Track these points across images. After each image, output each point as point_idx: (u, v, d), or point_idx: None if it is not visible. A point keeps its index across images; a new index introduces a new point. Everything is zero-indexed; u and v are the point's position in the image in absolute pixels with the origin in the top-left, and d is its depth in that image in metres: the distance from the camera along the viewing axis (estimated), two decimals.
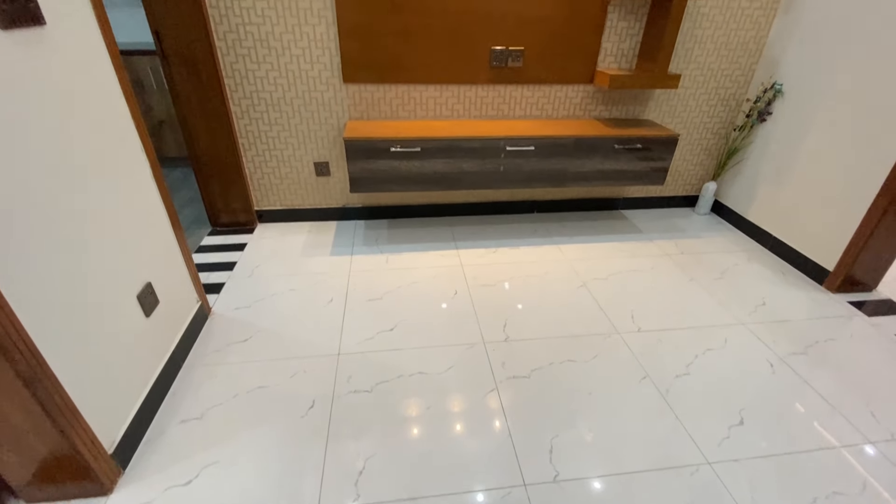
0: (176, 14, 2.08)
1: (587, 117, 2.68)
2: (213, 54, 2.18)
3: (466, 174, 2.39)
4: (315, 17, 2.20)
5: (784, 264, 2.49)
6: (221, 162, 2.47)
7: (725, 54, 2.57)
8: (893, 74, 1.93)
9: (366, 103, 2.46)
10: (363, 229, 2.72)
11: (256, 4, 2.14)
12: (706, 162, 2.95)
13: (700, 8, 2.42)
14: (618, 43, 2.46)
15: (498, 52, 2.38)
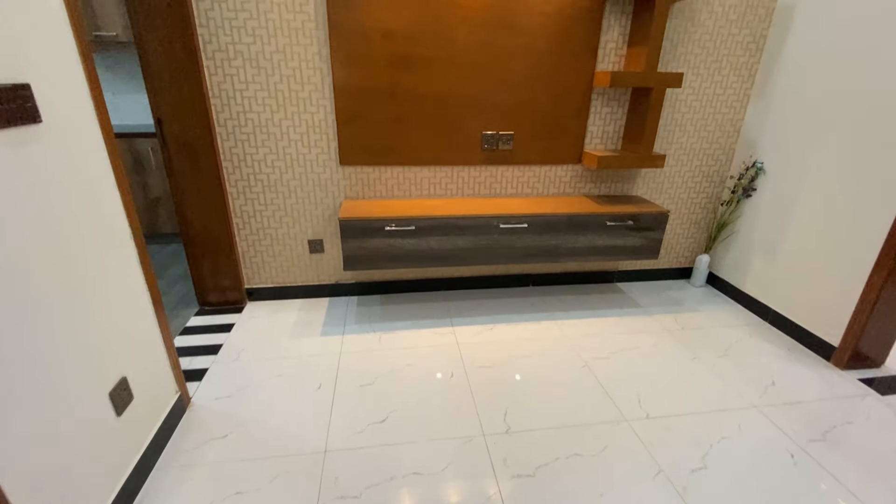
0: (178, 103, 2.16)
1: (577, 194, 2.74)
2: (212, 140, 2.24)
3: (461, 251, 2.38)
4: (314, 106, 2.30)
5: (787, 339, 2.43)
6: (214, 241, 2.45)
7: (705, 135, 2.70)
8: (869, 152, 2.01)
9: (361, 184, 2.50)
10: (356, 306, 2.66)
11: (258, 94, 2.24)
12: (697, 235, 2.99)
13: (677, 95, 2.57)
14: (602, 126, 2.59)
15: (489, 136, 2.48)
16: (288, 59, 2.20)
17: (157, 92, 2.14)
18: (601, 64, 2.44)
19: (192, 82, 2.13)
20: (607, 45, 2.41)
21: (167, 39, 2.05)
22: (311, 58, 2.21)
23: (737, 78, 2.59)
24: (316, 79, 2.25)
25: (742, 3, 2.42)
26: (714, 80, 2.57)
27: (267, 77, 2.22)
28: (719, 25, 2.45)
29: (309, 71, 2.23)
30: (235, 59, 2.17)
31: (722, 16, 2.43)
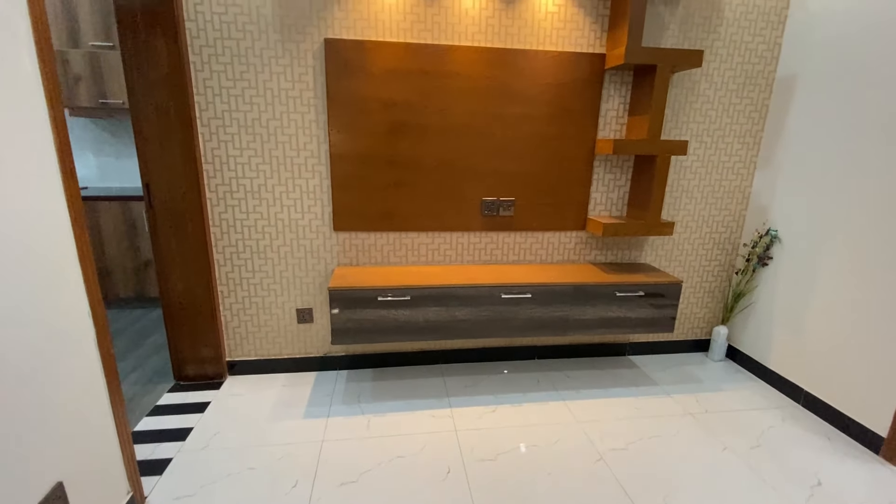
0: (168, 168, 2.10)
1: (583, 262, 2.60)
2: (201, 205, 2.15)
3: (461, 323, 2.20)
4: (309, 172, 2.24)
5: (826, 426, 2.17)
6: (195, 309, 2.29)
7: (713, 202, 2.61)
8: (885, 219, 1.88)
9: (356, 250, 2.38)
10: (345, 382, 2.43)
11: (252, 160, 2.19)
12: (712, 305, 2.81)
13: (682, 162, 2.52)
14: (606, 193, 2.50)
15: (489, 202, 2.40)
16: (284, 127, 2.17)
17: (147, 157, 2.08)
18: (602, 132, 2.41)
19: (184, 148, 2.08)
20: (608, 114, 2.38)
21: (162, 107, 2.03)
22: (307, 125, 2.18)
23: (742, 146, 2.54)
24: (312, 145, 2.21)
25: (741, 74, 2.42)
26: (718, 148, 2.53)
27: (262, 143, 2.17)
28: (720, 95, 2.44)
29: (305, 138, 2.19)
30: (231, 126, 2.14)
31: (722, 86, 2.43)
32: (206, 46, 2.03)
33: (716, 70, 2.40)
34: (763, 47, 2.40)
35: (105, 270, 3.26)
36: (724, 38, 2.35)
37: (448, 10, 2.14)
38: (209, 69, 2.06)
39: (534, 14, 2.20)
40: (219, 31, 2.02)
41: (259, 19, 2.03)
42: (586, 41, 2.27)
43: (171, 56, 1.98)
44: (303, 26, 2.07)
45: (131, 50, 1.97)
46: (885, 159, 1.92)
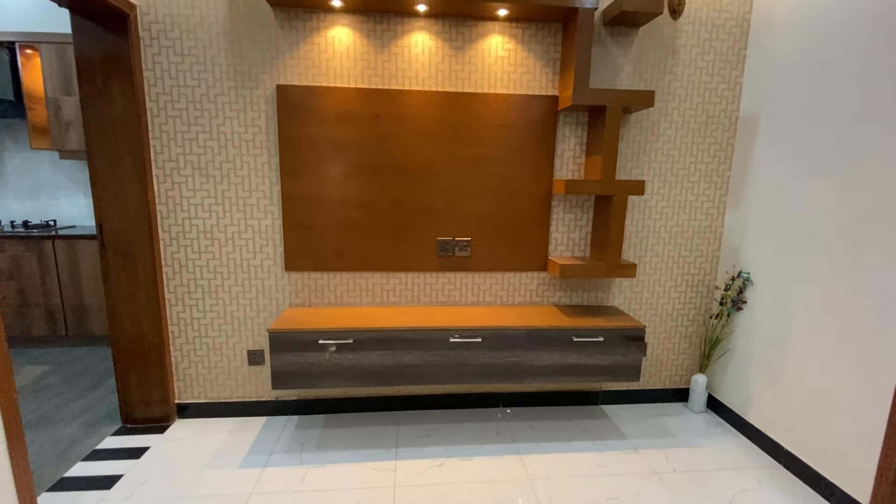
0: (122, 209, 2.14)
1: (546, 303, 2.50)
2: (152, 245, 2.17)
3: (408, 369, 2.11)
4: (261, 212, 2.25)
5: (807, 489, 1.95)
6: (145, 350, 2.27)
7: (683, 243, 2.51)
8: (861, 267, 1.75)
9: (308, 290, 2.35)
10: (293, 428, 2.33)
11: (205, 201, 2.22)
12: (689, 350, 2.64)
13: (646, 202, 2.45)
14: (567, 233, 2.44)
15: (444, 242, 2.36)
16: (237, 169, 2.21)
17: (101, 198, 2.13)
18: (559, 172, 2.37)
19: (138, 190, 2.13)
20: (564, 154, 2.36)
21: (118, 151, 2.10)
22: (260, 167, 2.21)
23: (709, 185, 2.47)
24: (264, 186, 2.23)
25: (702, 114, 2.38)
26: (684, 188, 2.45)
27: (215, 185, 2.21)
28: (681, 134, 2.39)
29: (258, 179, 2.22)
30: (185, 169, 2.18)
31: (683, 125, 2.38)
32: (162, 94, 2.11)
33: (675, 109, 2.36)
34: (723, 87, 2.37)
35: (81, 307, 3.31)
36: (680, 78, 2.33)
37: (398, 57, 2.19)
38: (165, 115, 2.13)
39: (484, 59, 2.23)
40: (175, 79, 2.11)
41: (214, 68, 2.11)
42: (538, 84, 2.28)
43: (128, 102, 2.07)
44: (256, 74, 2.14)
45: (90, 96, 2.06)
46: (844, 200, 1.81)
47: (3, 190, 3.56)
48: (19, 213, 3.59)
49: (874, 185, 1.71)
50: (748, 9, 2.30)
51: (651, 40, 2.28)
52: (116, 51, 2.03)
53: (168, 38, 2.07)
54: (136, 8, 2.03)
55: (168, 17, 2.05)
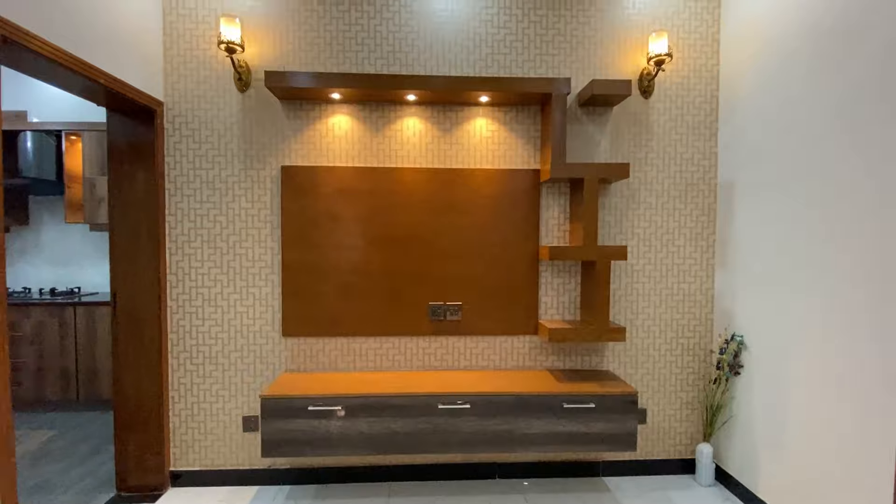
0: (136, 279, 2.31)
1: (539, 368, 2.50)
2: (160, 313, 2.31)
3: (397, 436, 2.11)
4: (262, 280, 2.40)
5: None
6: (145, 414, 2.33)
7: (674, 305, 2.52)
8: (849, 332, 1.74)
9: (304, 355, 2.42)
10: (283, 500, 2.30)
11: (211, 271, 2.38)
12: (692, 417, 2.56)
13: (633, 266, 2.50)
14: (556, 297, 2.49)
15: (436, 306, 2.43)
16: (242, 240, 2.38)
17: (117, 269, 2.32)
18: (545, 238, 2.48)
19: (151, 261, 2.31)
20: (549, 222, 2.47)
21: (136, 226, 2.31)
22: (263, 238, 2.39)
23: (695, 248, 2.52)
24: (266, 256, 2.39)
25: (681, 182, 2.50)
26: (670, 251, 2.51)
27: (221, 255, 2.38)
28: (662, 201, 2.50)
29: (260, 250, 2.39)
30: (195, 241, 2.37)
31: (663, 193, 2.50)
32: (179, 176, 2.36)
33: (654, 178, 2.49)
34: (699, 157, 2.50)
35: (93, 371, 3.43)
36: (656, 150, 2.48)
37: (392, 139, 2.41)
38: (181, 194, 2.36)
39: (470, 139, 2.43)
40: (192, 162, 2.36)
41: (227, 152, 2.36)
42: (521, 159, 2.45)
43: (149, 183, 2.30)
44: (264, 157, 2.38)
45: (116, 177, 2.31)
46: (825, 263, 1.85)
47: (37, 259, 3.85)
48: (49, 280, 3.85)
49: (852, 248, 1.75)
50: (715, 87, 2.49)
51: (625, 117, 2.46)
52: (143, 139, 2.30)
53: (188, 128, 2.35)
54: (163, 104, 2.33)
55: (189, 111, 2.34)
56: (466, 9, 2.38)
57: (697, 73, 2.47)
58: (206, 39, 2.32)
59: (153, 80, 2.25)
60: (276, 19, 2.33)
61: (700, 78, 2.47)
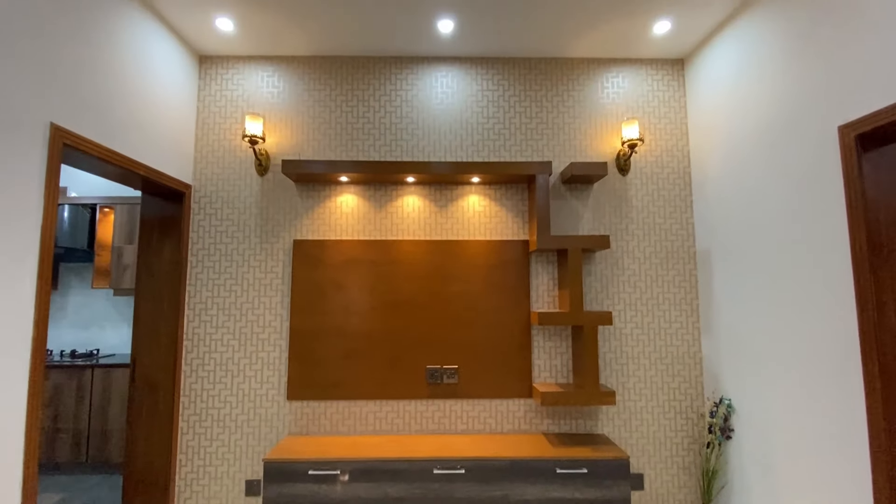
0: (155, 345, 2.49)
1: (534, 431, 2.57)
2: (174, 378, 2.47)
3: (392, 502, 2.16)
4: (271, 346, 2.56)
5: None
6: (153, 477, 2.42)
7: (664, 368, 2.61)
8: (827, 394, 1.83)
9: (307, 419, 2.53)
10: None
11: (224, 337, 2.56)
12: (690, 484, 2.56)
13: (621, 330, 2.63)
14: (549, 360, 2.60)
15: (433, 370, 2.56)
16: (255, 308, 2.58)
17: (139, 336, 2.51)
18: (536, 304, 2.63)
19: (170, 328, 2.50)
20: (539, 288, 2.64)
21: (159, 295, 2.53)
22: (274, 306, 2.58)
23: (680, 312, 2.65)
24: (276, 322, 2.58)
25: (662, 250, 2.68)
26: (656, 315, 2.65)
27: (235, 322, 2.57)
28: (645, 268, 2.67)
29: (271, 316, 2.58)
30: (211, 309, 2.57)
31: (645, 260, 2.67)
32: (201, 249, 2.61)
33: (636, 247, 2.68)
34: (677, 227, 2.70)
35: (104, 433, 3.52)
36: (636, 221, 2.69)
37: (393, 215, 2.66)
38: (202, 266, 2.60)
39: (464, 213, 2.67)
40: (213, 237, 2.62)
41: (245, 228, 2.63)
42: (511, 231, 2.67)
43: (174, 256, 2.55)
44: (278, 232, 2.63)
45: (145, 251, 2.57)
46: (788, 331, 1.97)
47: (62, 322, 4.08)
48: (71, 341, 4.05)
49: (809, 322, 1.88)
50: (687, 165, 2.74)
51: (605, 192, 2.70)
52: (172, 217, 2.58)
53: (212, 207, 2.63)
54: (191, 187, 2.63)
55: (214, 192, 2.64)
56: (459, 102, 2.72)
57: (670, 153, 2.73)
58: (232, 132, 2.67)
59: (185, 168, 2.57)
60: (294, 114, 2.68)
61: (672, 157, 2.73)
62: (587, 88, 2.74)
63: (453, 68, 2.73)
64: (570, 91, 2.73)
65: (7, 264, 1.54)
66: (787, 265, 1.99)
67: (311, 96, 2.69)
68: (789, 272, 1.97)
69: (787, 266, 1.99)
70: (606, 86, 2.74)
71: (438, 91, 2.72)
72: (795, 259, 1.94)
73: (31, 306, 1.62)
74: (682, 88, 2.76)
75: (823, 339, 1.82)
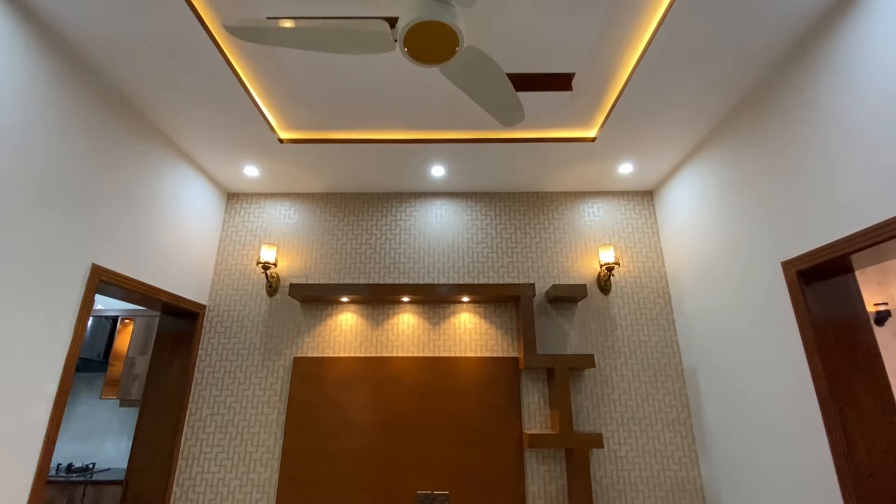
0: (150, 464, 2.53)
1: None
2: (164, 501, 2.46)
3: None
4: (262, 466, 2.57)
5: None
6: None
7: (663, 496, 2.51)
8: None
9: None
10: None
11: (218, 456, 2.59)
12: None
13: (615, 452, 2.59)
14: (543, 486, 2.54)
15: (424, 496, 2.50)
16: (251, 426, 2.65)
17: (137, 451, 2.56)
18: (528, 423, 2.65)
19: (168, 446, 2.56)
20: (531, 407, 2.68)
21: (163, 409, 2.63)
22: (269, 424, 2.65)
23: (674, 434, 2.62)
24: (269, 441, 2.62)
25: (649, 368, 2.74)
26: (650, 436, 2.62)
27: (230, 441, 2.62)
28: (634, 386, 2.71)
29: (265, 435, 2.63)
30: (209, 427, 2.65)
31: (634, 378, 2.72)
32: (208, 366, 2.76)
33: (623, 365, 2.75)
34: (662, 344, 2.79)
35: None
36: (622, 339, 2.80)
37: (389, 332, 2.83)
38: (206, 382, 2.73)
39: (456, 330, 2.83)
40: (220, 355, 2.79)
41: (250, 346, 2.80)
42: (501, 348, 2.80)
43: (181, 373, 2.70)
44: (280, 349, 2.80)
45: (157, 365, 2.73)
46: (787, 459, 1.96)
47: (64, 434, 4.11)
48: (70, 454, 4.03)
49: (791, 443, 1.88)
50: (665, 284, 2.92)
51: (589, 311, 2.86)
52: (184, 334, 2.78)
53: (223, 326, 2.85)
54: (206, 307, 2.88)
55: (226, 312, 2.87)
56: (452, 230, 3.03)
57: (648, 274, 2.93)
58: (249, 257, 2.99)
59: (202, 290, 2.84)
60: (305, 241, 3.02)
61: (651, 277, 2.93)
62: (567, 217, 3.05)
63: (446, 202, 3.10)
64: (552, 219, 3.05)
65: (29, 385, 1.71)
66: (759, 390, 2.04)
67: (322, 226, 3.05)
68: (762, 399, 2.02)
69: (759, 392, 2.04)
70: (584, 215, 3.05)
71: (433, 220, 3.06)
72: (766, 385, 2.01)
73: (44, 424, 1.75)
74: (654, 216, 3.06)
75: (808, 469, 1.80)
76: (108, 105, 2.05)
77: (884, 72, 1.49)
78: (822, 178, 1.73)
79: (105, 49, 1.85)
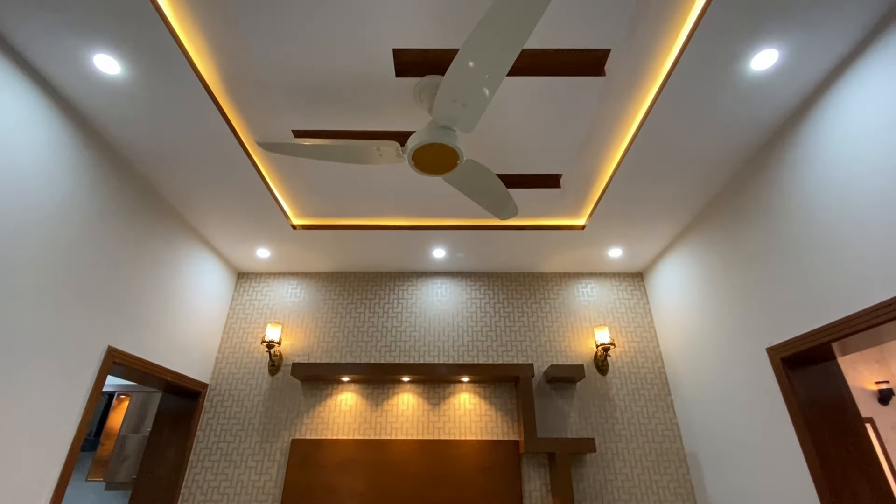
0: None
1: None
2: None
3: None
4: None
5: None
6: None
7: None
8: None
9: None
10: None
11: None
12: None
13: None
14: None
15: None
16: None
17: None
18: None
19: None
20: (532, 495, 2.61)
21: (156, 493, 2.55)
22: None
23: None
24: None
25: (651, 452, 2.71)
26: None
27: None
28: (637, 472, 2.66)
29: None
30: None
31: (636, 463, 2.68)
32: (205, 448, 2.73)
33: (625, 449, 2.72)
34: (662, 427, 2.78)
35: None
36: (622, 421, 2.80)
37: (388, 413, 2.83)
38: (201, 465, 2.68)
39: (455, 411, 2.83)
40: (218, 436, 2.76)
41: (248, 426, 2.79)
42: (501, 430, 2.78)
43: (178, 456, 2.66)
44: (279, 430, 2.78)
45: (154, 446, 2.69)
46: None
47: None
48: None
49: None
50: (661, 365, 2.97)
51: (588, 392, 2.88)
52: (184, 413, 2.78)
53: (223, 405, 2.85)
54: (208, 386, 2.90)
55: (227, 391, 2.89)
56: (451, 308, 3.15)
57: (643, 354, 3.00)
58: (254, 336, 3.06)
59: (206, 368, 2.89)
60: (309, 319, 3.11)
61: (647, 357, 2.99)
62: (562, 296, 3.18)
63: (447, 281, 3.25)
64: (548, 299, 3.17)
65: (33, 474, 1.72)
66: (760, 482, 2.04)
67: (326, 304, 3.16)
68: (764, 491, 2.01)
69: (760, 483, 2.03)
70: (578, 294, 3.19)
71: (434, 299, 3.18)
72: (766, 474, 2.00)
73: None
74: (645, 296, 3.19)
75: None
76: (138, 194, 2.25)
77: (841, 172, 1.70)
78: (791, 273, 1.89)
79: (144, 151, 2.08)
